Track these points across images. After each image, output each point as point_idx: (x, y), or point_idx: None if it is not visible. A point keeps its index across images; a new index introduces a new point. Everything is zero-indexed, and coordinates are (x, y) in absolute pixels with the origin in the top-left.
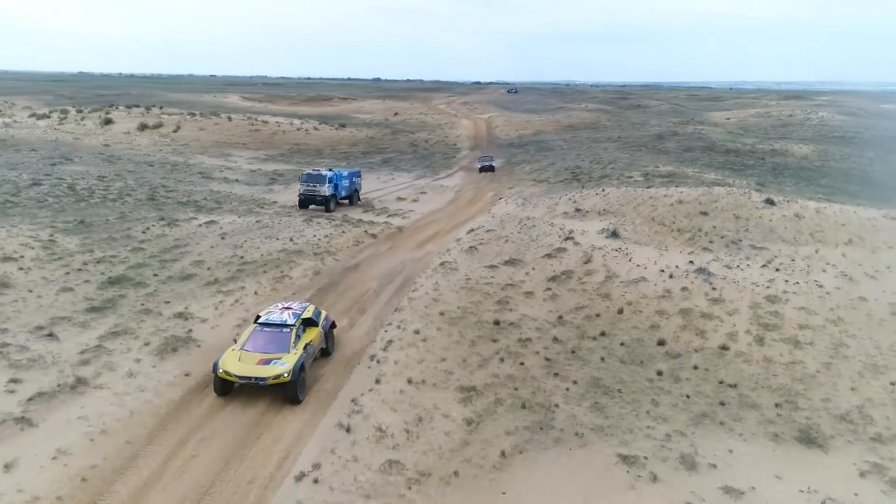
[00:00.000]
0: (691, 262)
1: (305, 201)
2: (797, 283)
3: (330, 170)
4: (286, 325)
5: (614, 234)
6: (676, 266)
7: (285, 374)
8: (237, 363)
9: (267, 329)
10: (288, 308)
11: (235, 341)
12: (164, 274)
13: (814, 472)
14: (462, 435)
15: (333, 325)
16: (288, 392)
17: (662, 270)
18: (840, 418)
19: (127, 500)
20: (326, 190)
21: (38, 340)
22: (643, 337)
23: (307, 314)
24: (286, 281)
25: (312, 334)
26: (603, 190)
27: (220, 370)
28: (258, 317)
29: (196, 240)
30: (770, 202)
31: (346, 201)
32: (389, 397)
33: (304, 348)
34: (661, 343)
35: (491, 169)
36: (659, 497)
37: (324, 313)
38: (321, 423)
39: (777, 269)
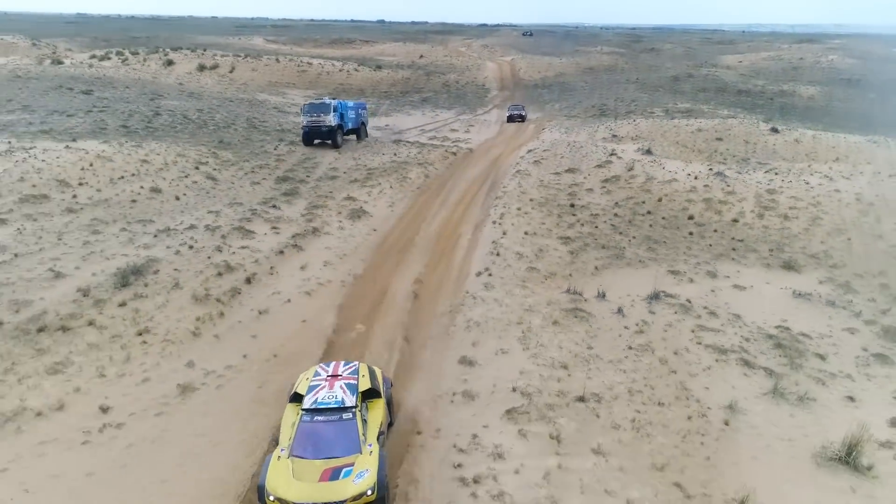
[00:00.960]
0: (710, 168)
1: (310, 134)
2: (790, 182)
3: (334, 98)
4: (346, 409)
5: (648, 152)
6: (699, 172)
7: (369, 492)
8: (292, 482)
9: (321, 419)
10: (335, 377)
11: (276, 442)
12: (313, 176)
13: (790, 281)
14: (568, 259)
15: (391, 386)
16: None
17: (689, 175)
18: (811, 256)
19: (371, 283)
20: (332, 119)
21: (270, 209)
22: (677, 214)
23: (364, 381)
24: (407, 181)
25: (378, 411)
26: (634, 120)
27: (271, 497)
28: (297, 395)
29: (318, 156)
30: (775, 130)
31: (353, 136)
32: (516, 241)
33: (378, 439)
34: (691, 217)
35: (521, 119)
36: (695, 287)
37: (379, 372)
38: (474, 254)
39: (776, 174)
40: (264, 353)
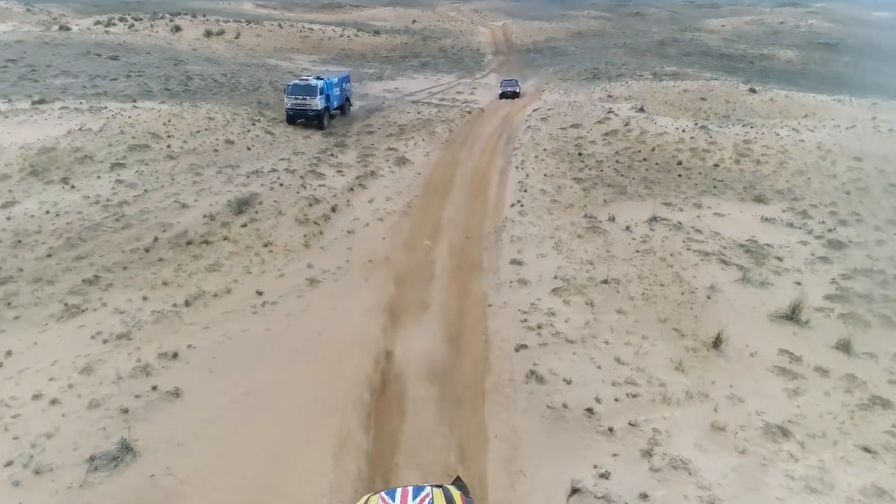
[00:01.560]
0: (696, 123)
1: (294, 116)
2: (763, 134)
3: (319, 77)
4: None
5: (641, 110)
6: (686, 126)
7: None
8: None
9: None
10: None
11: None
12: (352, 131)
13: (759, 210)
14: (582, 194)
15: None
16: None
17: (677, 129)
18: (777, 192)
19: (427, 212)
20: (318, 103)
21: (330, 157)
22: (668, 160)
23: None
24: (435, 135)
25: None
26: (626, 82)
27: None
28: None
29: (350, 115)
30: (753, 91)
31: (338, 111)
32: (538, 181)
33: None
34: (679, 163)
35: (514, 95)
36: (684, 214)
37: (458, 496)
38: (505, 191)
39: (752, 128)
40: (361, 259)
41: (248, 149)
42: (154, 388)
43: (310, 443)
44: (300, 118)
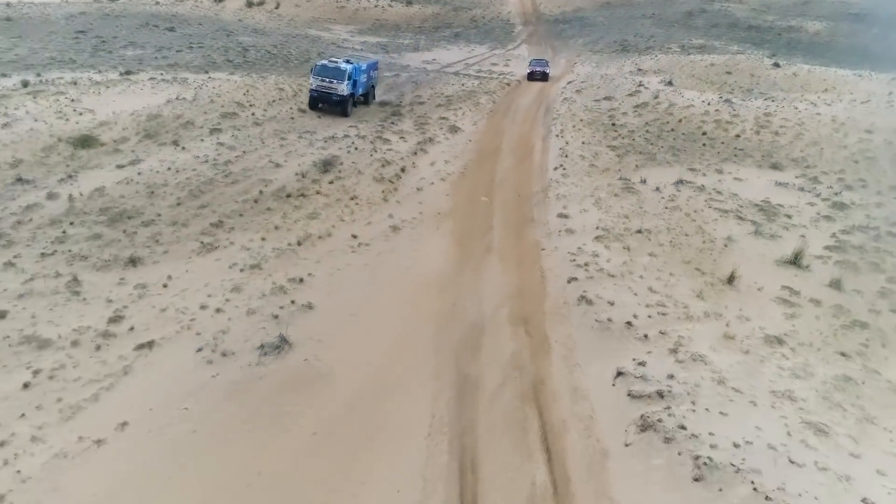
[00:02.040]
0: (720, 97)
1: (317, 99)
2: (783, 108)
3: (349, 62)
4: None
5: (670, 83)
6: (711, 100)
7: None
8: None
9: None
10: None
11: None
12: (405, 102)
13: (775, 176)
14: (616, 160)
15: None
16: None
17: (703, 102)
18: (792, 160)
19: (481, 174)
20: (344, 88)
21: (390, 125)
22: (694, 131)
23: None
24: (479, 105)
25: None
26: (655, 56)
27: None
28: None
29: (400, 88)
30: (776, 65)
31: (361, 98)
32: (576, 148)
33: None
34: (704, 133)
35: (544, 77)
36: (707, 179)
37: None
38: (548, 157)
39: (773, 101)
40: (432, 211)
41: (318, 117)
42: (292, 302)
43: (413, 342)
44: (323, 102)
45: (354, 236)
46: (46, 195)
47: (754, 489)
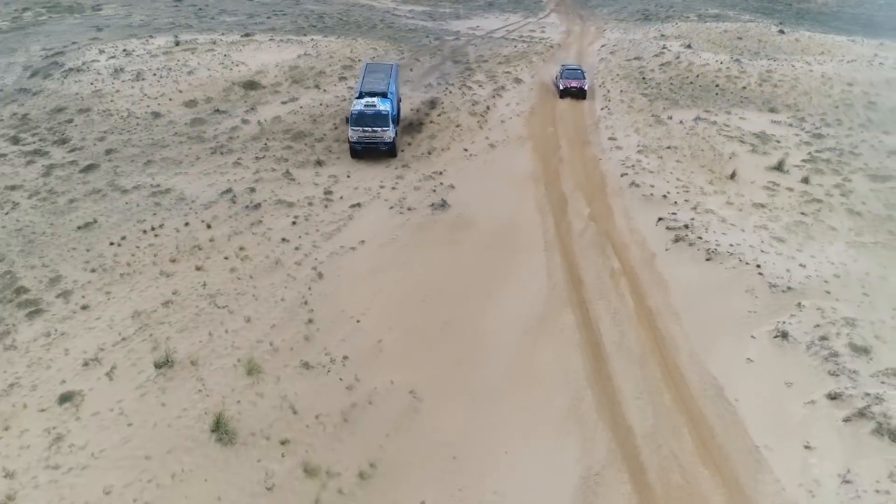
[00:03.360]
0: (732, 58)
1: (362, 152)
2: (783, 66)
3: (384, 96)
4: None
5: (689, 46)
6: (724, 59)
7: None
8: None
9: None
10: None
11: None
12: (471, 58)
13: (771, 117)
14: (648, 104)
15: None
16: None
17: (717, 61)
18: (786, 105)
19: (545, 111)
20: (390, 133)
21: (469, 75)
22: (708, 84)
23: None
24: (532, 63)
25: None
26: (675, 23)
27: None
28: None
29: (463, 48)
30: (782, 32)
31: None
32: (616, 95)
33: None
34: (717, 85)
35: (581, 93)
36: (719, 118)
37: None
38: (595, 101)
39: (775, 61)
40: (515, 135)
41: (410, 70)
42: (441, 183)
43: (524, 207)
44: (369, 153)
45: (466, 149)
46: (241, 121)
47: (739, 261)
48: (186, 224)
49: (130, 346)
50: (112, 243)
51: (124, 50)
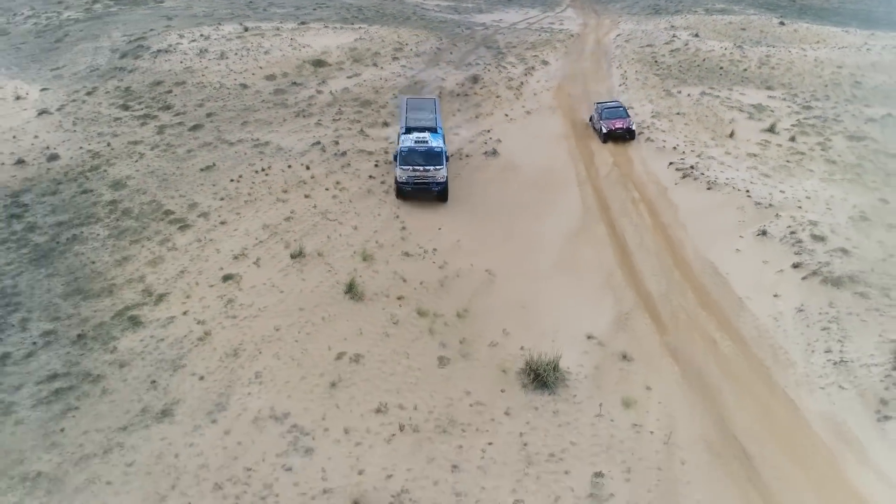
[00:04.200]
0: (735, 45)
1: (412, 193)
2: (780, 51)
3: (434, 131)
4: None
5: (696, 35)
6: (728, 46)
7: None
8: None
9: None
10: None
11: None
12: (501, 44)
13: (768, 93)
14: (660, 83)
15: None
16: None
17: (721, 48)
18: (781, 84)
19: (573, 87)
20: (444, 172)
21: (500, 58)
22: (713, 67)
23: None
24: (556, 48)
25: None
26: (684, 16)
27: None
28: None
29: (492, 36)
30: (782, 23)
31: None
32: (632, 74)
33: None
34: (721, 68)
35: (629, 133)
36: (722, 93)
37: None
38: (613, 80)
39: (773, 48)
40: (546, 106)
41: (450, 52)
42: (490, 138)
43: (559, 156)
44: (420, 194)
45: (506, 115)
46: (316, 91)
47: (733, 189)
48: (289, 166)
49: (267, 245)
50: (232, 180)
51: (201, 35)
